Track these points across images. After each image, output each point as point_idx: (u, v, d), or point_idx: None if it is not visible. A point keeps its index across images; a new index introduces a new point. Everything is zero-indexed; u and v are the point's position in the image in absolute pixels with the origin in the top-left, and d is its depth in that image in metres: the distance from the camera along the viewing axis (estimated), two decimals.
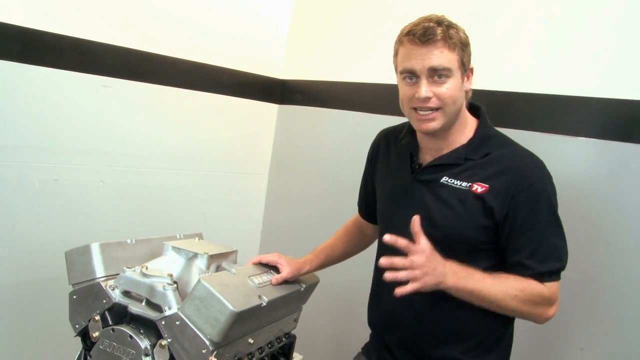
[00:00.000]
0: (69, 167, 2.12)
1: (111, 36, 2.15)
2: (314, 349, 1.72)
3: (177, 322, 1.24)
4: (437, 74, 1.30)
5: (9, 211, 1.99)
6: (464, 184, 1.35)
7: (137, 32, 2.24)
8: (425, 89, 1.31)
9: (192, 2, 2.41)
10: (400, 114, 2.37)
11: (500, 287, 1.29)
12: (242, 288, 1.32)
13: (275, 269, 1.50)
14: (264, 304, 1.32)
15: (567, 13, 1.92)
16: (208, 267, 1.43)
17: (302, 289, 1.52)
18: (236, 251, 1.56)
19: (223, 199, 2.67)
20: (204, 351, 1.22)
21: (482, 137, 1.40)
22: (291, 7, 2.80)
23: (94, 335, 1.35)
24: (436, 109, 1.33)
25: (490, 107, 2.03)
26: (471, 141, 1.40)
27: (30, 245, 2.04)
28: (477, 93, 2.01)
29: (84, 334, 1.40)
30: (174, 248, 1.47)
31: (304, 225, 2.71)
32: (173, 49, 2.35)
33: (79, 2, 2.06)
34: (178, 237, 1.63)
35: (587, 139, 1.84)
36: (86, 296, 1.38)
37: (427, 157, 1.44)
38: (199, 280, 1.23)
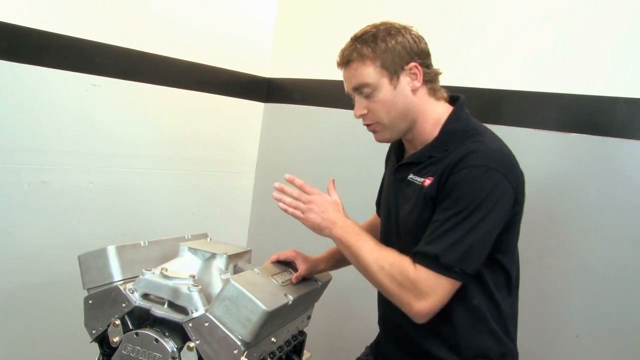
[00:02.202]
0: (58, 168, 2.06)
1: (100, 34, 2.10)
2: (316, 347, 1.73)
3: (205, 324, 1.23)
4: (361, 91, 1.35)
5: None
6: (420, 179, 1.35)
7: (125, 30, 2.20)
8: (356, 109, 1.38)
9: (178, 0, 2.38)
10: None
11: (374, 254, 1.28)
12: (269, 287, 1.32)
13: (292, 267, 1.51)
14: (290, 302, 1.32)
15: (566, 12, 1.98)
16: (227, 267, 1.42)
17: (319, 286, 1.53)
18: (250, 250, 1.55)
19: (211, 198, 2.65)
20: (235, 352, 1.21)
21: (446, 133, 1.37)
22: (277, 5, 2.80)
23: (114, 340, 1.31)
24: (375, 123, 1.37)
25: (485, 104, 2.11)
26: (435, 139, 1.38)
27: (21, 249, 1.99)
28: (473, 91, 2.08)
29: (101, 340, 1.36)
30: (190, 249, 1.45)
31: (291, 224, 2.67)
32: (160, 47, 2.32)
33: (68, 0, 2.00)
34: (186, 237, 1.61)
35: (580, 134, 1.91)
36: (103, 300, 1.35)
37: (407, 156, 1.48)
38: (228, 281, 1.22)
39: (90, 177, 2.15)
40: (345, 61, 1.36)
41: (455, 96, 1.44)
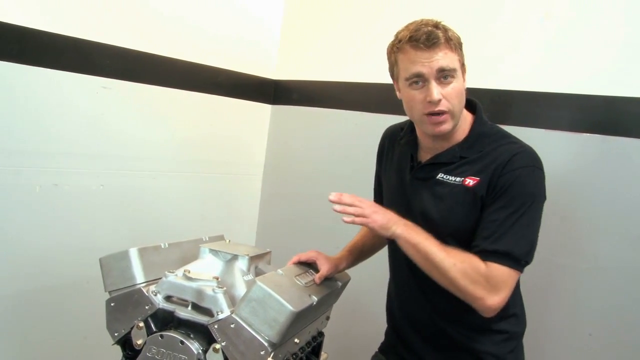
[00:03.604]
0: (68, 171, 2.05)
1: (109, 36, 2.09)
2: (327, 347, 1.74)
3: (231, 325, 1.23)
4: (443, 75, 1.34)
5: (10, 217, 1.92)
6: (457, 179, 1.39)
7: (134, 32, 2.19)
8: (437, 91, 1.34)
9: (187, 2, 2.38)
10: (394, 111, 2.41)
11: (443, 252, 1.31)
12: (294, 288, 1.32)
13: (313, 268, 1.51)
14: (314, 303, 1.32)
15: (564, 11, 2.00)
16: (248, 269, 1.42)
17: (339, 286, 1.54)
18: (270, 252, 1.56)
19: (219, 199, 2.65)
20: (262, 353, 1.21)
21: (477, 134, 1.44)
22: (283, 6, 2.80)
23: (138, 342, 1.31)
24: (446, 112, 1.36)
25: (495, 105, 2.11)
26: (466, 139, 1.43)
27: (31, 252, 1.97)
28: (483, 92, 2.09)
29: (124, 342, 1.36)
30: (211, 251, 1.45)
31: (299, 226, 2.71)
32: (169, 49, 2.31)
33: (78, 2, 2.00)
34: (204, 239, 1.61)
35: (592, 134, 1.92)
36: (126, 303, 1.34)
37: (426, 155, 1.49)
38: (254, 282, 1.23)
39: (100, 179, 2.14)
40: (434, 42, 1.32)
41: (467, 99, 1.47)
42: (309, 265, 1.52)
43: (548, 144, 1.97)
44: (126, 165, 2.23)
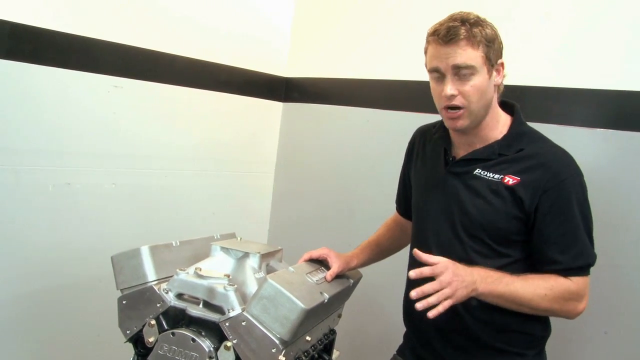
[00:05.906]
0: (81, 170, 2.07)
1: (120, 35, 2.10)
2: (339, 345, 1.73)
3: (243, 323, 1.23)
4: (461, 71, 1.33)
5: (24, 216, 1.93)
6: (496, 176, 1.38)
7: (146, 31, 2.20)
8: (449, 87, 1.34)
9: (198, 1, 2.39)
10: (405, 108, 2.40)
11: (529, 288, 1.32)
12: (305, 285, 1.32)
13: (324, 265, 1.51)
14: (325, 300, 1.32)
15: (576, 5, 1.98)
16: (260, 266, 1.42)
17: (351, 284, 1.53)
18: (281, 249, 1.56)
19: (230, 197, 2.66)
20: (273, 350, 1.21)
21: (516, 133, 1.43)
22: (294, 4, 2.80)
23: (150, 340, 1.32)
24: (462, 108, 1.35)
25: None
26: (505, 137, 1.43)
27: (46, 251, 1.99)
28: None
29: (136, 340, 1.37)
30: (222, 248, 1.45)
31: (311, 223, 2.71)
32: (180, 48, 2.32)
33: (90, 2, 2.01)
34: (215, 237, 1.61)
35: (606, 130, 1.89)
36: (137, 301, 1.35)
37: (460, 151, 1.48)
38: (265, 280, 1.22)
39: (113, 178, 2.16)
40: (451, 38, 1.31)
41: (503, 101, 1.48)
42: (320, 263, 1.52)
43: (561, 140, 1.93)
44: (138, 164, 2.24)
